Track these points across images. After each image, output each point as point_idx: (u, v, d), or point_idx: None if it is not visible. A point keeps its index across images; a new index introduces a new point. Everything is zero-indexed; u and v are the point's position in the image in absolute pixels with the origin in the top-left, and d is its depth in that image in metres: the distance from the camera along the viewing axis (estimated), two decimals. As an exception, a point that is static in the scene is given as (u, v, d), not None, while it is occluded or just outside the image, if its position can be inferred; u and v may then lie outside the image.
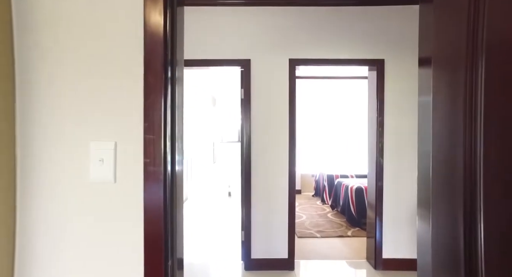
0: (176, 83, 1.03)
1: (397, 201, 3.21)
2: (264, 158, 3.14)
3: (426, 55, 1.01)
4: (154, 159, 0.94)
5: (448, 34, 0.88)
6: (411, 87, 3.19)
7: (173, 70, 1.00)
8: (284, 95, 3.15)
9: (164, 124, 0.96)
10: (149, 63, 0.95)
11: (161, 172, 0.95)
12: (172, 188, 1.02)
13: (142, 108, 0.94)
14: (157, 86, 0.95)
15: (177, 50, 1.05)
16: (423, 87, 1.01)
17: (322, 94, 7.40)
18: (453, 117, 0.86)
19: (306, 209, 5.80)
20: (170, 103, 1.00)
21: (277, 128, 3.15)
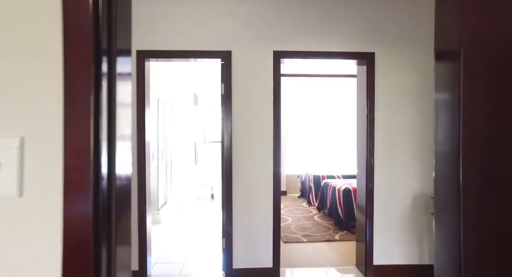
0: (117, 73, 0.75)
1: (388, 204, 3.01)
2: (247, 159, 2.89)
3: (448, 48, 0.89)
4: (79, 161, 0.67)
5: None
6: (404, 82, 3.01)
7: (106, 44, 0.73)
8: (268, 90, 2.90)
9: (95, 114, 0.69)
10: (70, 35, 0.67)
11: (89, 179, 0.67)
12: (109, 198, 0.74)
13: (62, 92, 0.66)
14: (83, 65, 0.67)
15: (117, 24, 0.77)
16: (442, 82, 0.92)
17: (308, 93, 7.22)
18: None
19: (292, 211, 5.58)
20: (106, 91, 0.73)
21: (261, 126, 2.90)
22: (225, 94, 2.90)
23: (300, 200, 6.51)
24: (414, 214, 3.03)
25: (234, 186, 2.88)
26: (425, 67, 3.01)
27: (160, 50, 2.74)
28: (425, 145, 3.02)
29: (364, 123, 3.07)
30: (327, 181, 5.28)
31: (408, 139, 3.02)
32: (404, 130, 3.02)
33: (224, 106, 2.91)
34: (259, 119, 2.90)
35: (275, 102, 2.91)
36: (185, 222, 4.96)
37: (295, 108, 7.28)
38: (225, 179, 2.93)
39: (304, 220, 5.01)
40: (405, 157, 3.02)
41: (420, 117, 3.02)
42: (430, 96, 3.03)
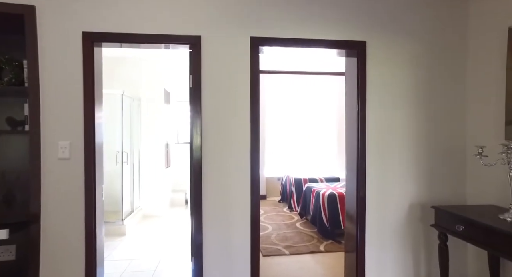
0: None
1: (382, 213, 2.66)
2: (220, 161, 2.44)
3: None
4: None
5: None
6: (399, 76, 2.66)
7: None
8: (245, 83, 2.47)
9: None
10: None
11: None
12: None
13: None
14: None
15: None
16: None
17: (289, 91, 6.85)
18: None
19: (272, 217, 5.18)
20: None
21: (237, 125, 2.46)
22: (194, 88, 2.44)
23: (281, 205, 6.13)
24: (410, 224, 2.69)
25: (205, 193, 2.42)
26: (423, 59, 2.68)
27: (112, 33, 2.24)
28: (422, 146, 2.69)
29: (354, 122, 2.70)
30: (309, 185, 4.92)
31: (404, 140, 2.68)
32: (399, 129, 2.68)
33: (193, 102, 2.45)
34: (234, 116, 2.46)
35: (253, 97, 2.48)
36: (154, 232, 4.42)
37: (276, 107, 6.90)
38: (193, 185, 2.46)
39: (285, 228, 4.61)
40: (400, 160, 2.67)
41: (417, 115, 2.69)
42: (428, 92, 2.70)
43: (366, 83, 2.63)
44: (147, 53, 4.76)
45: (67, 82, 2.22)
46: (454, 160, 2.73)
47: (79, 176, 2.21)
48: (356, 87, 2.65)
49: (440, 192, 2.71)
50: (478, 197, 2.62)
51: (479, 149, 2.18)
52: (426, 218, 2.68)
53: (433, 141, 2.71)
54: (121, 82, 4.86)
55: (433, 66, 2.70)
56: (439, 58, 2.71)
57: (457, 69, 2.73)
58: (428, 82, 2.70)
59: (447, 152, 2.72)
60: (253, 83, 2.49)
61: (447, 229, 2.27)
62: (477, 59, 2.63)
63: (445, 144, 2.72)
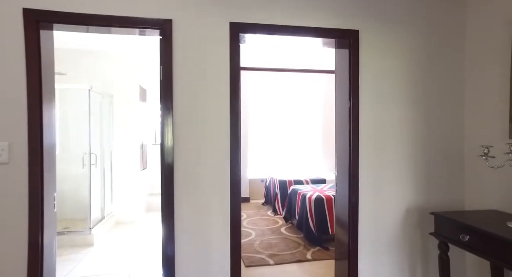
0: None
1: (376, 219, 2.41)
2: (195, 163, 2.12)
3: None
4: None
5: None
6: (396, 68, 2.42)
7: None
8: (223, 77, 2.16)
9: None
10: None
11: None
12: None
13: None
14: None
15: None
16: None
17: (273, 89, 6.58)
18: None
19: (256, 222, 4.89)
20: None
21: (214, 123, 2.15)
22: (165, 81, 2.10)
23: (265, 208, 5.85)
24: (407, 231, 2.46)
25: (177, 198, 2.09)
26: (421, 51, 2.46)
27: (61, 12, 1.87)
28: (419, 146, 2.47)
29: (345, 121, 2.44)
30: (295, 188, 4.65)
31: (399, 139, 2.44)
32: (395, 128, 2.44)
33: (164, 97, 2.11)
34: (211, 113, 2.14)
35: (233, 91, 2.18)
36: (127, 240, 4.04)
37: (259, 106, 6.61)
38: (164, 190, 2.12)
39: (269, 233, 4.33)
40: (396, 162, 2.44)
41: (414, 113, 2.46)
42: (425, 87, 2.48)
43: (358, 77, 2.38)
44: (118, 45, 4.36)
45: (4, 73, 1.83)
46: (452, 162, 2.52)
47: (21, 183, 1.83)
48: (348, 81, 2.40)
49: (438, 196, 2.50)
50: (477, 202, 2.42)
51: (485, 149, 1.96)
52: (424, 224, 2.46)
53: (431, 140, 2.49)
54: (90, 76, 4.43)
55: (432, 59, 2.48)
56: (438, 51, 2.49)
57: (456, 62, 2.52)
58: (426, 76, 2.48)
59: (445, 153, 2.51)
60: (233, 76, 2.18)
61: (449, 239, 2.05)
62: (477, 51, 2.42)
63: (443, 144, 2.51)
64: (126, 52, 4.69)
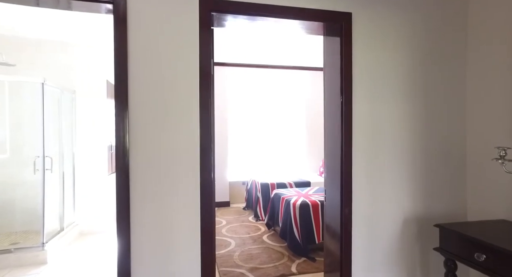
0: None
1: (371, 230, 2.11)
2: (156, 167, 1.74)
3: None
4: None
5: None
6: (394, 59, 2.13)
7: None
8: (191, 68, 1.78)
9: None
10: None
11: None
12: None
13: None
14: None
15: None
16: None
17: (254, 87, 6.22)
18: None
19: (236, 230, 4.51)
20: None
21: (179, 121, 1.76)
22: (118, 71, 1.70)
23: (246, 213, 5.48)
24: (405, 244, 2.17)
25: (134, 206, 1.71)
26: (423, 38, 2.17)
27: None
28: (419, 148, 2.18)
29: (336, 118, 2.12)
30: (278, 192, 4.31)
31: (398, 140, 2.14)
32: (393, 127, 2.14)
33: (118, 91, 1.71)
34: (176, 110, 1.76)
35: (204, 86, 1.80)
36: (91, 254, 3.56)
37: (240, 105, 6.24)
38: (118, 198, 1.72)
39: (251, 242, 3.97)
40: (393, 166, 2.14)
41: (414, 109, 2.17)
42: (428, 80, 2.19)
43: (351, 68, 2.06)
44: (81, 34, 3.87)
45: None
46: (453, 165, 2.25)
47: None
48: (340, 73, 2.07)
49: (438, 204, 2.22)
50: (481, 210, 2.16)
51: (501, 152, 1.68)
52: (424, 236, 2.17)
53: (430, 141, 2.21)
54: (48, 69, 3.92)
55: (432, 46, 2.20)
56: (439, 39, 2.21)
57: (458, 51, 2.25)
58: (426, 68, 2.19)
59: (445, 155, 2.23)
60: (204, 67, 1.80)
61: (459, 257, 1.75)
62: (482, 38, 2.16)
63: (444, 145, 2.23)
64: (91, 43, 4.21)
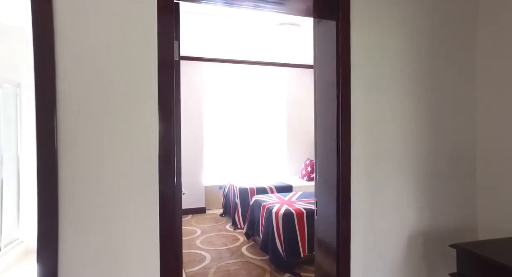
0: None
1: (372, 246, 1.76)
2: (98, 183, 1.28)
3: None
4: None
5: None
6: (398, 47, 1.79)
7: None
8: (146, 51, 1.35)
9: None
10: None
11: None
12: None
13: None
14: None
15: None
16: None
17: (232, 83, 5.80)
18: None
19: (212, 240, 4.08)
20: None
21: (129, 122, 1.32)
22: (41, 57, 1.23)
23: (223, 220, 5.05)
24: (410, 264, 1.84)
25: (65, 240, 1.24)
26: (431, 25, 1.85)
27: None
28: (424, 151, 1.86)
29: (331, 115, 1.75)
30: (258, 199, 3.92)
31: (401, 142, 1.81)
32: (397, 126, 1.80)
33: (39, 81, 1.24)
34: (124, 108, 1.31)
35: (164, 75, 1.37)
36: None
37: (217, 105, 5.79)
38: (40, 230, 1.24)
39: (228, 256, 3.55)
40: (397, 172, 1.80)
41: (420, 106, 1.84)
42: (432, 70, 1.88)
43: (350, 55, 1.70)
44: (26, 17, 3.28)
45: None
46: (461, 173, 1.95)
47: None
48: (335, 57, 1.71)
49: (445, 216, 1.91)
50: (494, 223, 1.87)
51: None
52: (431, 255, 1.85)
53: (437, 144, 1.89)
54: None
55: (439, 32, 1.89)
56: (446, 23, 1.90)
57: (467, 37, 1.95)
58: (435, 56, 1.88)
59: (453, 161, 1.93)
60: (164, 53, 1.37)
61: (484, 285, 1.43)
62: (494, 23, 1.87)
63: (451, 149, 1.93)
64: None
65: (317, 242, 1.96)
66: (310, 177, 5.26)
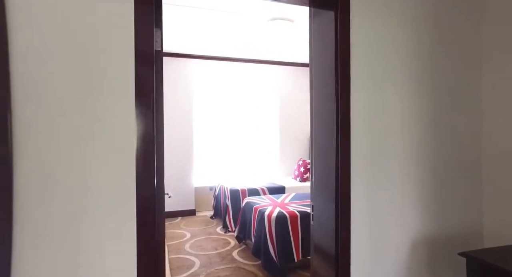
0: None
1: (373, 255, 1.63)
2: (63, 191, 1.12)
3: None
4: None
5: None
6: (403, 37, 1.67)
7: None
8: (121, 42, 1.19)
9: None
10: None
11: None
12: None
13: None
14: None
15: None
16: None
17: (222, 83, 5.63)
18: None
19: (201, 244, 3.91)
20: None
21: (102, 121, 1.16)
22: None
23: (214, 223, 4.88)
24: (413, 269, 1.71)
25: (22, 259, 1.07)
26: (435, 17, 1.73)
27: None
28: (428, 151, 1.73)
29: (328, 112, 1.61)
30: (250, 201, 3.77)
31: (404, 142, 1.69)
32: (400, 125, 1.68)
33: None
34: (96, 105, 1.15)
35: (142, 70, 1.21)
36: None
37: (208, 102, 5.62)
38: None
39: (218, 261, 3.39)
40: (400, 175, 1.68)
41: (422, 102, 1.72)
42: (441, 66, 1.76)
43: (350, 46, 1.57)
44: None
45: None
46: (466, 175, 1.83)
47: None
48: (334, 54, 1.57)
49: (450, 222, 1.79)
50: (500, 229, 1.76)
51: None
52: (436, 263, 1.73)
53: (441, 145, 1.77)
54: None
55: (444, 24, 1.77)
56: (451, 15, 1.79)
57: (472, 29, 1.84)
58: (440, 49, 1.76)
59: (457, 161, 1.81)
60: (141, 45, 1.21)
61: (497, 298, 1.31)
62: (501, 15, 1.76)
63: (456, 148, 1.81)
64: None
65: (314, 248, 1.82)
66: (303, 178, 5.13)
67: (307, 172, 5.15)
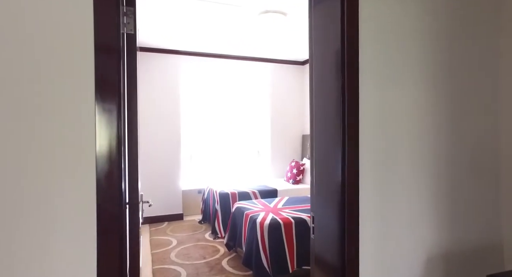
0: None
1: (385, 271, 1.43)
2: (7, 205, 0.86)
3: None
4: None
5: None
6: (416, 26, 1.47)
7: None
8: (76, 27, 0.94)
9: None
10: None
11: None
12: None
13: None
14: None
15: None
16: None
17: (211, 81, 5.38)
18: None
19: (189, 252, 3.66)
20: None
21: (55, 121, 0.91)
22: None
23: (202, 228, 4.63)
24: (425, 292, 1.52)
25: None
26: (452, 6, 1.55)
27: None
28: (443, 154, 1.54)
29: (333, 110, 1.40)
30: (240, 206, 3.54)
31: (418, 145, 1.49)
32: (412, 124, 1.48)
33: None
34: (49, 101, 0.90)
35: (104, 63, 0.97)
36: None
37: (196, 101, 5.36)
38: None
39: (207, 271, 3.14)
40: (412, 181, 1.48)
41: (446, 102, 1.53)
42: (460, 59, 1.57)
43: (358, 38, 1.35)
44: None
45: None
46: (484, 180, 1.65)
47: None
48: (341, 45, 1.36)
49: (468, 234, 1.60)
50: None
51: None
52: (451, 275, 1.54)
53: (458, 146, 1.58)
54: None
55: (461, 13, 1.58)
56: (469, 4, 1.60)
57: (491, 19, 1.66)
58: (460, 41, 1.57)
59: (476, 166, 1.63)
60: (102, 31, 0.97)
61: None
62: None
63: (475, 151, 1.62)
64: None
65: (315, 262, 1.61)
66: (296, 180, 4.93)
67: (300, 174, 4.94)
